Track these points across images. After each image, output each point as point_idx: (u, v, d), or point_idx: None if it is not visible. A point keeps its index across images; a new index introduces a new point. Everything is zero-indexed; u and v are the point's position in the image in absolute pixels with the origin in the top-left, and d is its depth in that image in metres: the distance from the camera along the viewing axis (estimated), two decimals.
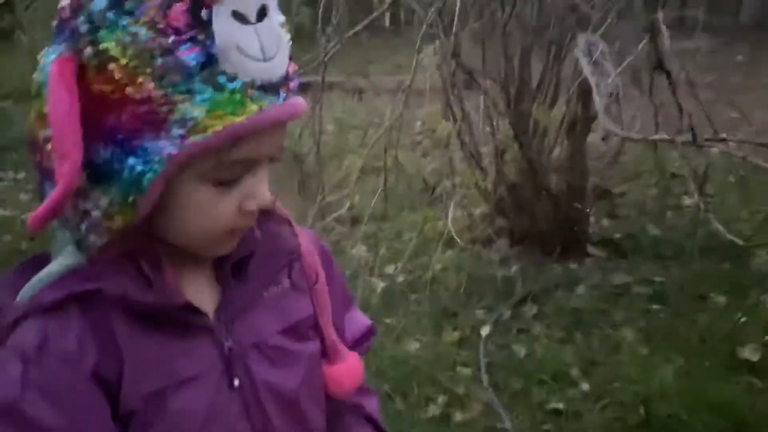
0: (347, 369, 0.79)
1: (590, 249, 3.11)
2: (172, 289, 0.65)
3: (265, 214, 0.69)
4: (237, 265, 0.71)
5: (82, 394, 0.61)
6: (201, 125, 0.57)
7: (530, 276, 2.92)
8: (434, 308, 2.76)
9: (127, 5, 0.55)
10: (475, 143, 2.78)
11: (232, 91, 0.57)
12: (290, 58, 0.63)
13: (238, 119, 0.58)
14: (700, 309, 2.70)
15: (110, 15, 0.55)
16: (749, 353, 2.40)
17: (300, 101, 0.64)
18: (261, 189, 0.64)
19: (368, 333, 0.91)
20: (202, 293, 0.69)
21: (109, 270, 0.63)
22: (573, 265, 3.02)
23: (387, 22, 9.11)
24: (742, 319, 2.58)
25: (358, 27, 2.79)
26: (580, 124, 2.82)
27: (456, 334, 2.59)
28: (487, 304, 2.80)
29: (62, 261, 0.65)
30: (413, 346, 2.57)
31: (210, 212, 0.63)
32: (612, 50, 2.35)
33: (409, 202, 3.68)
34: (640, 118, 3.62)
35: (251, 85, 0.58)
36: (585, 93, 2.72)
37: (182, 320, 0.66)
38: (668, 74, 1.87)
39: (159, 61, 0.55)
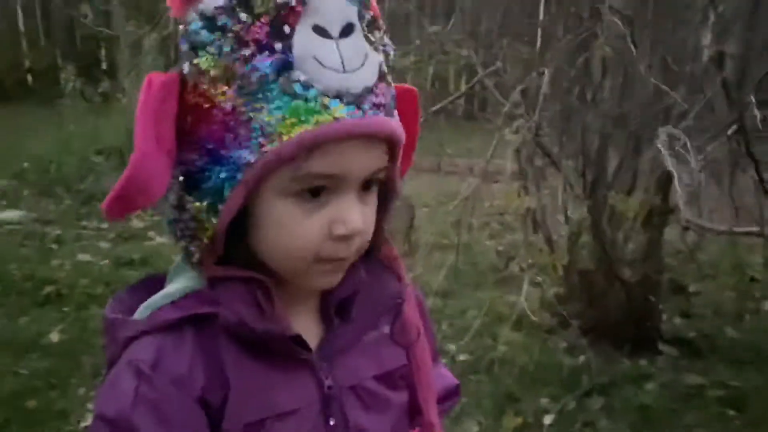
0: None
1: (662, 346, 2.99)
2: (283, 319, 0.65)
3: (373, 254, 0.69)
4: (341, 305, 0.70)
5: (188, 416, 0.62)
6: (276, 133, 0.57)
7: (598, 367, 2.81)
8: (496, 391, 2.68)
9: (219, 22, 0.58)
10: (549, 226, 2.76)
11: (306, 99, 0.57)
12: (384, 79, 0.61)
13: (310, 127, 0.57)
14: None
15: (204, 33, 0.58)
16: None
17: (387, 120, 0.61)
18: (350, 213, 0.61)
19: (454, 392, 0.89)
20: (306, 329, 0.68)
21: (227, 295, 0.64)
22: (643, 361, 2.90)
23: (460, 111, 9.33)
24: None
25: (437, 106, 2.89)
26: (658, 215, 2.78)
27: (518, 420, 2.49)
28: (551, 392, 2.70)
29: (182, 283, 0.67)
30: (473, 428, 2.49)
31: (293, 231, 0.61)
32: (693, 144, 2.34)
33: (476, 281, 3.65)
34: (718, 216, 3.55)
35: (327, 93, 0.57)
36: (664, 184, 2.70)
37: (288, 352, 0.65)
38: (755, 160, 1.83)
39: (240, 71, 0.58)
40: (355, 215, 0.61)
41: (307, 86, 0.57)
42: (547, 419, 2.52)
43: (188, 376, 0.62)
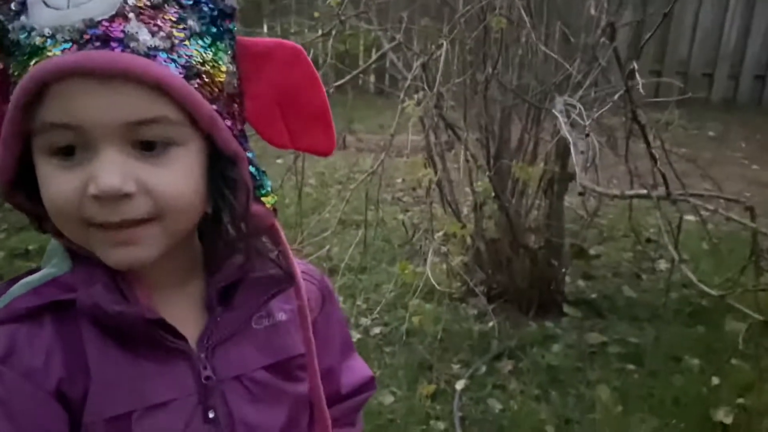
0: None
1: (566, 308, 3.12)
2: (143, 303, 0.62)
3: (246, 233, 0.65)
4: (225, 292, 0.67)
5: (38, 412, 0.59)
6: (13, 83, 0.56)
7: (506, 332, 2.91)
8: (410, 361, 2.73)
9: None
10: (455, 197, 2.82)
11: (30, 44, 0.54)
12: (141, 16, 0.55)
13: (31, 70, 0.54)
14: (675, 370, 2.70)
15: None
16: (723, 416, 2.39)
17: (118, 56, 0.54)
18: (101, 170, 0.55)
19: (367, 384, 0.87)
20: (186, 319, 0.66)
21: (84, 278, 0.61)
22: (549, 324, 3.02)
23: (371, 88, 9.33)
24: (716, 382, 2.59)
25: (344, 80, 2.87)
26: (558, 183, 2.88)
27: (431, 387, 2.55)
28: (463, 358, 2.77)
29: (45, 271, 0.64)
30: (388, 398, 2.53)
31: (50, 189, 0.57)
32: (590, 114, 2.43)
33: (388, 256, 3.68)
34: (616, 183, 3.71)
35: (42, 32, 0.54)
36: (563, 152, 2.79)
37: (157, 340, 0.62)
38: (642, 127, 1.93)
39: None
40: (107, 172, 0.55)
41: (29, 30, 0.55)
42: (459, 384, 2.59)
43: (43, 368, 0.59)
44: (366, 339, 2.90)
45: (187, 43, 0.57)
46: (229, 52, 0.61)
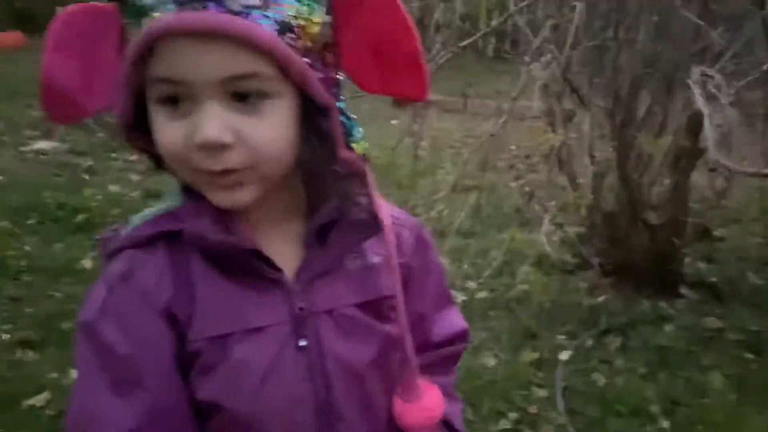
0: (420, 412, 0.74)
1: (683, 290, 3.00)
2: (245, 235, 0.67)
3: (346, 180, 0.68)
4: (323, 230, 0.70)
5: (149, 327, 0.65)
6: (129, 40, 0.61)
7: (618, 308, 2.84)
8: (514, 327, 2.73)
9: None
10: (574, 166, 2.75)
11: (142, 5, 0.59)
12: None
13: (144, 29, 0.59)
14: None
15: None
16: None
17: (215, 15, 0.57)
18: (203, 121, 0.60)
19: (460, 336, 0.86)
20: (285, 253, 0.69)
21: (192, 211, 0.67)
22: (663, 304, 2.92)
23: (491, 52, 9.15)
24: None
25: (465, 42, 2.83)
26: (686, 158, 2.74)
27: (535, 355, 2.54)
28: (569, 330, 2.74)
29: (162, 204, 0.70)
30: (490, 361, 2.55)
31: (161, 136, 0.63)
32: (729, 86, 2.29)
33: (499, 222, 3.66)
34: (750, 162, 3.48)
35: None
36: (695, 126, 2.65)
37: (255, 270, 0.67)
38: None
39: None
40: (208, 124, 0.60)
41: None
42: (564, 355, 2.56)
43: (154, 288, 0.65)
44: (471, 302, 2.92)
45: None
46: (324, 2, 0.63)
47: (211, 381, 0.65)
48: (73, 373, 1.17)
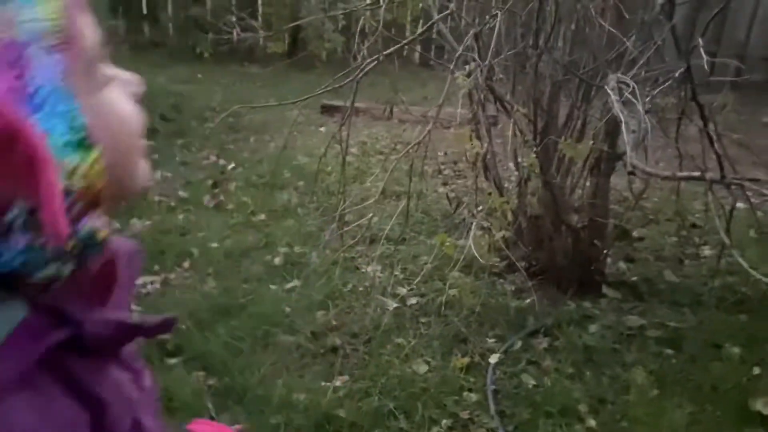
0: None
1: (605, 289, 3.09)
2: None
3: None
4: None
5: None
6: None
7: (544, 309, 2.90)
8: (445, 332, 2.74)
9: None
10: (499, 171, 2.79)
11: None
12: None
13: None
14: (714, 358, 2.66)
15: None
16: (761, 406, 2.35)
17: None
18: None
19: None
20: None
21: None
22: (587, 304, 3.00)
23: (416, 59, 9.25)
24: (756, 371, 2.55)
25: (391, 49, 2.85)
26: (605, 162, 2.83)
27: (465, 360, 2.56)
28: (498, 333, 2.78)
29: None
30: (421, 367, 2.55)
31: None
32: (643, 92, 2.37)
33: (428, 228, 3.68)
34: (665, 165, 3.63)
35: None
36: (612, 131, 2.74)
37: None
38: (701, 107, 1.87)
39: None
40: None
41: None
42: (493, 358, 2.59)
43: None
44: (402, 308, 2.92)
45: None
46: None
47: None
48: None
